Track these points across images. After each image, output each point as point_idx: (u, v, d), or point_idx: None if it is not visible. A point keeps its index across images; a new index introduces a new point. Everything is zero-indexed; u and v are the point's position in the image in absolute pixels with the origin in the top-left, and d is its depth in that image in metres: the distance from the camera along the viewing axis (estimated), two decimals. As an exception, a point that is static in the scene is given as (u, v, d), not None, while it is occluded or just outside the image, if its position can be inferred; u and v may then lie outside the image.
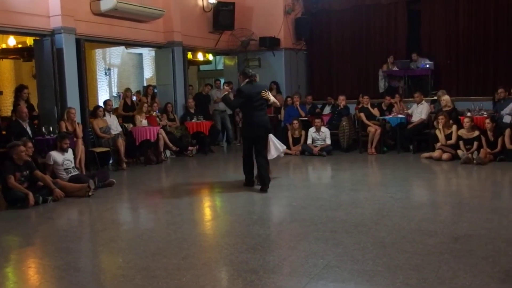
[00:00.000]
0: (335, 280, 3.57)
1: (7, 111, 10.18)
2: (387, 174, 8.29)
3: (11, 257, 4.55)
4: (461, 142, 8.98)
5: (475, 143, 8.80)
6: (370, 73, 13.31)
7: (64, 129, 8.16)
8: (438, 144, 9.26)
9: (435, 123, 9.56)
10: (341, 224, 5.00)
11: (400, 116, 10.26)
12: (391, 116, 10.37)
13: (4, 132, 8.20)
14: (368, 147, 10.30)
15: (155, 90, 11.79)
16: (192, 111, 11.23)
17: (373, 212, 5.51)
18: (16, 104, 8.56)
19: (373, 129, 10.27)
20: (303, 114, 11.46)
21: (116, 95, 14.47)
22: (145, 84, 14.60)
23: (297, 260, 4.03)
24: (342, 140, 10.53)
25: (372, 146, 10.23)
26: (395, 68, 12.48)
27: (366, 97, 10.84)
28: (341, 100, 10.94)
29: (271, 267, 3.86)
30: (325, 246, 4.31)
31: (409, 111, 10.46)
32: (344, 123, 10.51)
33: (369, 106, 10.70)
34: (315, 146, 10.16)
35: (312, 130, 10.39)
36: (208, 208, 6.52)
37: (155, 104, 10.60)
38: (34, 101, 9.53)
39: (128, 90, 11.06)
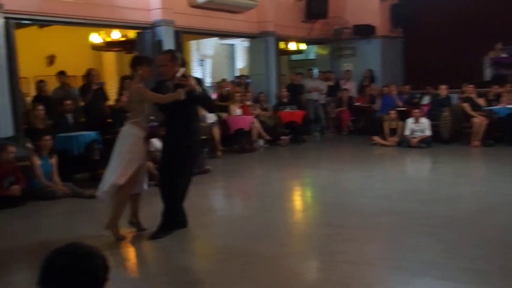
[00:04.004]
0: (442, 277, 3.33)
1: (111, 100, 10.78)
2: (494, 168, 7.67)
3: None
4: None
5: None
6: (474, 61, 12.39)
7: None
8: (554, 137, 8.42)
9: (550, 114, 8.69)
10: (444, 219, 4.68)
11: (509, 106, 9.47)
12: (499, 106, 9.60)
13: (110, 120, 8.71)
14: (472, 139, 9.62)
15: (248, 80, 11.91)
16: (285, 100, 11.21)
17: (478, 209, 5.12)
18: (120, 94, 9.05)
19: (479, 120, 9.57)
20: (400, 104, 10.98)
21: (210, 85, 14.84)
22: (237, 74, 14.82)
23: (398, 254, 3.83)
24: (444, 132, 9.94)
25: (477, 138, 9.55)
26: (504, 55, 11.51)
27: (471, 86, 10.12)
28: (442, 90, 10.35)
29: (370, 259, 3.71)
30: (428, 241, 4.06)
31: (520, 101, 9.62)
32: (446, 113, 9.91)
33: (474, 96, 9.98)
34: (414, 138, 9.69)
35: (410, 120, 9.90)
36: (300, 197, 6.47)
37: (248, 94, 10.74)
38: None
39: (223, 81, 11.33)
